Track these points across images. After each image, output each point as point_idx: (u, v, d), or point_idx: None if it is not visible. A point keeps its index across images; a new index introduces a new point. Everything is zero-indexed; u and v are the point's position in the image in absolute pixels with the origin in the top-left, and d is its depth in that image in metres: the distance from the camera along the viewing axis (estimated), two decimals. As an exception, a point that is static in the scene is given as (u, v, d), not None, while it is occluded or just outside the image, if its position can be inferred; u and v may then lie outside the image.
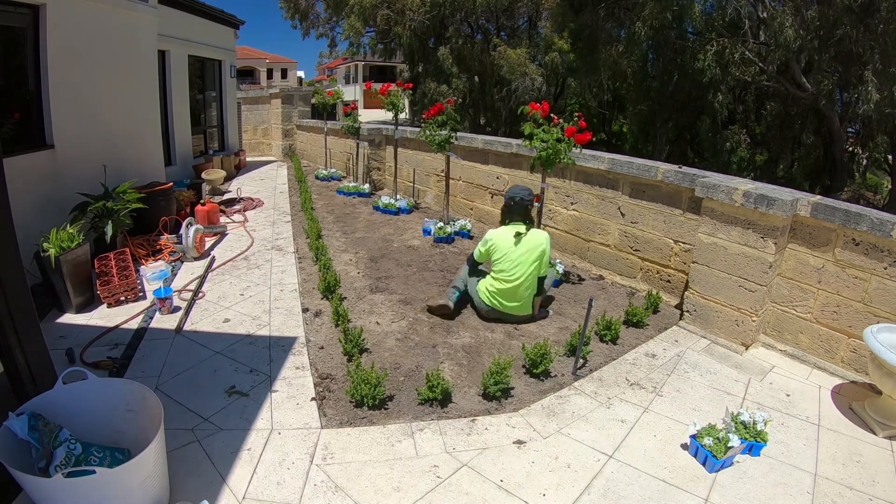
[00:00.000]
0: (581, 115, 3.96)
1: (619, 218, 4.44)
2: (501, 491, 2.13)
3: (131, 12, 5.43)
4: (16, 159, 3.93)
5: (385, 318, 3.64)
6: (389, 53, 21.80)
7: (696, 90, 14.25)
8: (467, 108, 18.80)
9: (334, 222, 6.17)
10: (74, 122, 4.66)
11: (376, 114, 21.72)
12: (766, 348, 3.43)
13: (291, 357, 3.11)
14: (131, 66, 5.54)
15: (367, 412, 2.60)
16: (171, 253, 4.82)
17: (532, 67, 16.68)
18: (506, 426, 2.54)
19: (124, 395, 2.14)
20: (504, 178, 5.69)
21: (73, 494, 1.72)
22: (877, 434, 2.61)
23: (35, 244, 3.54)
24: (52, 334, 3.26)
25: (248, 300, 3.94)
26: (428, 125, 5.53)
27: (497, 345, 3.34)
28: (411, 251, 5.13)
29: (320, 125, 9.67)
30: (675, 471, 2.28)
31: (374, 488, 2.12)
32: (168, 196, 5.47)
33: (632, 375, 3.04)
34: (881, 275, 2.95)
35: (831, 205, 3.09)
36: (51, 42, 4.30)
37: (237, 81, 11.15)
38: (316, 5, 21.53)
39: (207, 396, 2.70)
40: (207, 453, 2.29)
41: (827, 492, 2.20)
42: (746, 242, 3.28)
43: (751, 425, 2.41)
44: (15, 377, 2.11)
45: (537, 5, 17.93)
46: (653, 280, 4.27)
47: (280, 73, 41.94)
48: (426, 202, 7.12)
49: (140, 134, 5.80)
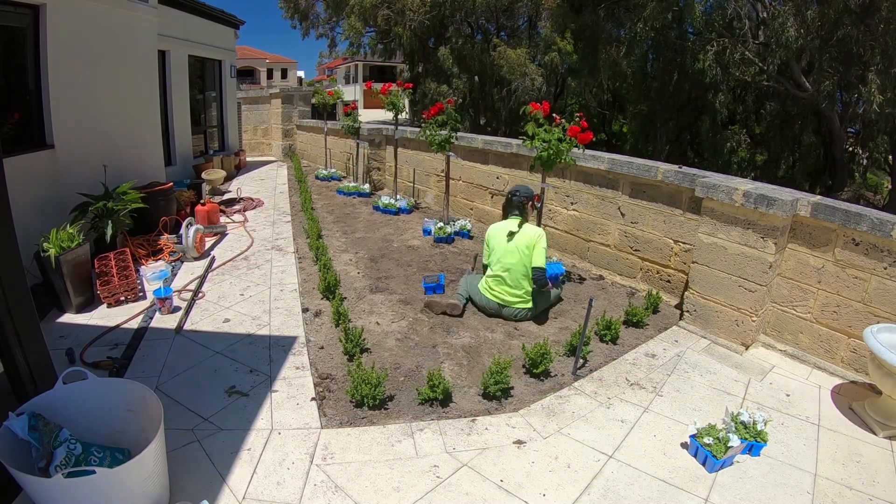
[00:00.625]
0: (582, 114, 3.96)
1: (619, 218, 4.44)
2: (501, 491, 2.13)
3: (131, 12, 5.43)
4: (16, 159, 3.93)
5: (385, 318, 3.64)
6: (389, 53, 21.80)
7: (697, 90, 14.25)
8: (467, 108, 18.79)
9: (334, 222, 6.17)
10: (74, 122, 4.66)
11: (376, 114, 21.76)
12: (766, 348, 3.43)
13: (291, 357, 3.11)
14: (131, 66, 5.54)
15: (367, 412, 2.60)
16: (171, 253, 4.82)
17: (532, 67, 16.68)
18: (506, 426, 2.54)
19: (124, 395, 2.14)
20: (504, 178, 5.69)
21: (73, 494, 1.72)
22: (877, 434, 2.60)
23: (35, 244, 3.54)
24: (52, 334, 3.26)
25: (248, 300, 3.94)
26: (428, 125, 5.53)
27: (497, 345, 3.34)
28: (411, 251, 5.13)
29: (320, 125, 9.67)
30: (674, 471, 2.28)
31: (374, 488, 2.12)
32: (168, 196, 5.47)
33: (632, 375, 3.04)
34: (881, 275, 2.95)
35: (831, 205, 3.09)
36: (51, 42, 4.30)
37: (237, 81, 11.15)
38: (316, 5, 21.56)
39: (207, 396, 2.70)
40: (207, 453, 2.29)
41: (827, 492, 2.20)
42: (746, 242, 3.28)
43: (751, 425, 2.41)
44: (15, 377, 2.11)
45: (537, 5, 17.92)
46: (653, 280, 4.27)
47: (280, 73, 41.94)
48: (426, 202, 7.12)
49: (140, 134, 5.80)
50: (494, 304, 3.64)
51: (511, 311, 3.61)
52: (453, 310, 3.66)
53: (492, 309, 3.67)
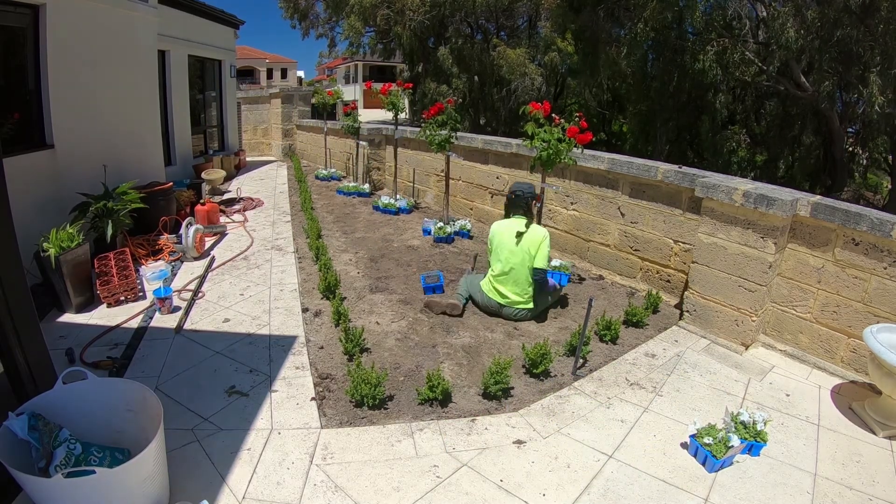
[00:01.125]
0: (582, 114, 3.96)
1: (618, 218, 4.44)
2: (501, 491, 2.13)
3: (131, 12, 5.43)
4: (16, 159, 3.93)
5: (385, 318, 3.64)
6: (389, 53, 21.81)
7: (696, 90, 14.24)
8: (467, 108, 18.80)
9: (334, 222, 6.17)
10: (74, 122, 4.66)
11: (376, 114, 21.76)
12: (766, 348, 3.43)
13: (291, 357, 3.11)
14: (131, 66, 5.54)
15: (367, 412, 2.60)
16: (171, 253, 4.82)
17: (532, 67, 16.69)
18: (506, 426, 2.54)
19: (124, 395, 2.14)
20: (504, 177, 5.69)
21: (73, 494, 1.72)
22: (877, 434, 2.61)
23: (35, 244, 3.54)
24: (52, 334, 3.26)
25: (248, 300, 3.94)
26: (428, 125, 5.53)
27: (497, 345, 3.34)
28: (411, 251, 5.13)
29: (320, 125, 9.67)
30: (674, 471, 2.28)
31: (373, 488, 2.12)
32: (168, 196, 5.48)
33: (632, 375, 3.04)
34: (881, 275, 2.95)
35: (831, 205, 3.09)
36: (51, 42, 4.30)
37: (237, 81, 11.15)
38: (316, 5, 21.57)
39: (207, 396, 2.70)
40: (207, 453, 2.29)
41: (827, 492, 2.20)
42: (746, 242, 3.28)
43: (750, 425, 2.41)
44: (15, 377, 2.11)
45: (537, 5, 17.93)
46: (653, 280, 4.27)
47: (280, 73, 41.94)
48: (426, 202, 7.12)
49: (140, 134, 5.80)
50: (495, 302, 3.64)
51: (511, 311, 3.62)
52: (453, 310, 3.67)
53: (492, 307, 3.68)
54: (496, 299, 3.63)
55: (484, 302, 3.72)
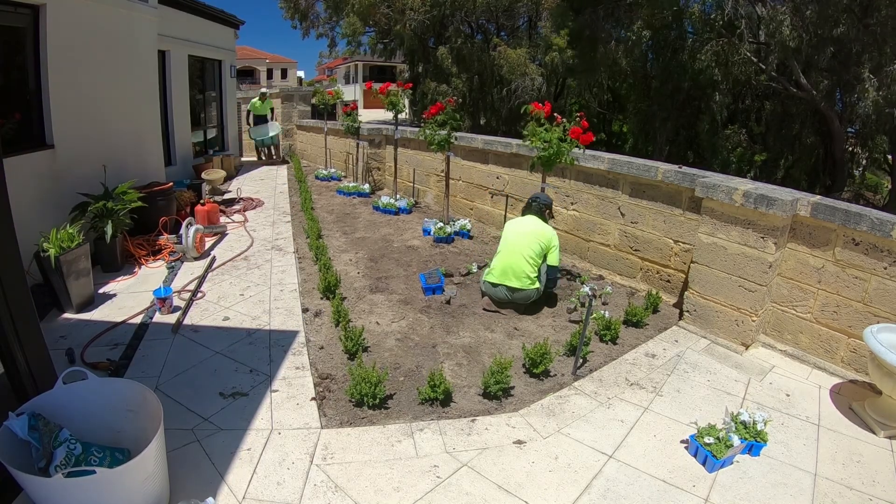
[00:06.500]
0: (582, 114, 3.97)
1: (619, 218, 4.44)
2: (501, 491, 2.13)
3: (131, 12, 5.43)
4: (16, 159, 3.92)
5: (385, 318, 3.64)
6: (389, 53, 21.80)
7: (696, 90, 14.24)
8: (467, 107, 18.79)
9: (334, 222, 6.17)
10: (74, 122, 4.65)
11: (376, 114, 21.77)
12: (766, 348, 3.43)
13: (291, 357, 3.11)
14: (131, 66, 5.54)
15: (367, 412, 2.60)
16: (171, 253, 4.82)
17: (532, 67, 16.68)
18: (506, 426, 2.54)
19: (124, 395, 2.13)
20: (504, 177, 5.69)
21: (73, 494, 1.72)
22: (877, 434, 2.61)
23: (35, 244, 3.54)
24: (52, 334, 3.26)
25: (248, 300, 3.94)
26: (428, 125, 5.53)
27: (497, 345, 3.34)
28: (411, 251, 5.13)
29: (320, 125, 9.67)
30: (674, 471, 2.28)
31: (374, 488, 2.12)
32: (168, 196, 5.47)
33: (632, 375, 3.04)
34: (881, 275, 2.95)
35: (831, 205, 3.09)
36: (51, 42, 4.29)
37: (237, 81, 11.15)
38: (316, 5, 21.52)
39: (207, 396, 2.70)
40: (207, 453, 2.29)
41: (827, 492, 2.20)
42: (746, 242, 3.28)
43: (751, 425, 2.41)
44: (15, 377, 2.11)
45: (537, 5, 17.92)
46: (653, 280, 4.27)
47: (280, 73, 41.93)
48: (426, 202, 7.12)
49: (140, 134, 5.80)
50: (503, 288, 3.72)
51: (522, 294, 3.69)
52: (489, 305, 3.84)
53: (501, 295, 3.75)
54: (504, 285, 3.71)
55: (491, 292, 3.81)
